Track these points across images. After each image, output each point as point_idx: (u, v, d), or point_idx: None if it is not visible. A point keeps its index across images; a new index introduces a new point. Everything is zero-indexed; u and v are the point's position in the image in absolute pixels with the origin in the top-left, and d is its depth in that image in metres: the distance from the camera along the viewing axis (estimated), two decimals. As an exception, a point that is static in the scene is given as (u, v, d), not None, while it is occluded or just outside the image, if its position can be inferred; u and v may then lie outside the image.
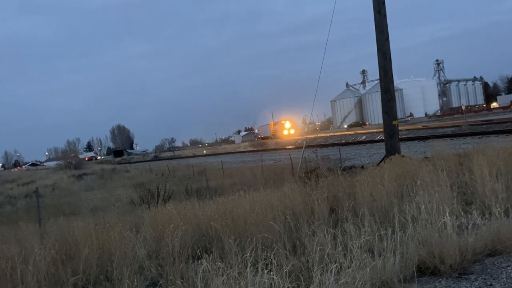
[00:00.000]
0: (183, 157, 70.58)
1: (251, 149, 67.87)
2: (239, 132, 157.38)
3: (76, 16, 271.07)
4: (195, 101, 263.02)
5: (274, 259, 4.64)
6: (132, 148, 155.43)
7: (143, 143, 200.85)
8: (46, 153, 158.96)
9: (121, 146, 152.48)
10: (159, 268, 5.50)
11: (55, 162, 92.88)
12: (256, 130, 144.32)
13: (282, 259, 4.81)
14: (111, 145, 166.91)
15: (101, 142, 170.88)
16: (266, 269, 4.42)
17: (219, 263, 4.57)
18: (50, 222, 9.52)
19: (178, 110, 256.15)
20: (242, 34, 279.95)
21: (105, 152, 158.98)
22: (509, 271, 4.55)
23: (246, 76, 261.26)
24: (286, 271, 4.41)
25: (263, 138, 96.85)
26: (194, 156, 70.51)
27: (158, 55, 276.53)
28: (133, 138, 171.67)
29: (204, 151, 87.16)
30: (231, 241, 5.19)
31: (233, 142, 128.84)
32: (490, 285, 4.30)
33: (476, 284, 4.36)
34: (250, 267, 4.43)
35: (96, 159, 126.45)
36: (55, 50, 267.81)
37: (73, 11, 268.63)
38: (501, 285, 4.26)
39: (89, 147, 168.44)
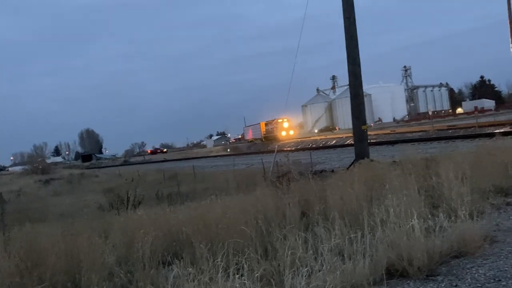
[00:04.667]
0: (153, 162, 69.80)
1: (224, 153, 67.70)
2: (210, 136, 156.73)
3: (47, 18, 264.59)
4: (166, 105, 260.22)
5: (246, 264, 4.64)
6: (101, 152, 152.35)
7: (113, 147, 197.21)
8: (12, 158, 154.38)
9: (90, 150, 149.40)
10: (128, 274, 5.41)
11: (21, 167, 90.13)
12: (228, 134, 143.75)
13: (254, 263, 4.81)
14: (80, 149, 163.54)
15: (69, 146, 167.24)
16: (237, 273, 4.42)
17: (190, 269, 4.54)
18: (15, 229, 9.23)
19: (149, 114, 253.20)
20: (217, 38, 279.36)
21: (73, 157, 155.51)
22: (474, 272, 4.68)
23: (219, 80, 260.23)
24: (257, 276, 4.42)
25: (251, 141, 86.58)
26: (165, 160, 69.78)
27: (131, 58, 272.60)
28: (102, 143, 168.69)
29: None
30: (202, 246, 5.15)
31: (204, 146, 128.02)
32: (456, 286, 4.41)
33: (443, 285, 4.47)
34: (221, 272, 4.42)
35: (162, 152, 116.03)
36: (23, 52, 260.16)
37: (43, 12, 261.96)
38: (466, 286, 4.38)
39: (57, 152, 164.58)
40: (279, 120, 76.34)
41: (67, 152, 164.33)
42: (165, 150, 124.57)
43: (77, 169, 69.66)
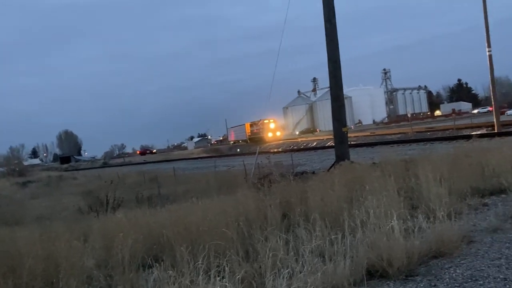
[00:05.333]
0: (134, 164, 69.10)
1: (205, 155, 67.45)
2: (192, 138, 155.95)
3: (27, 17, 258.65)
4: (147, 106, 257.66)
5: (227, 266, 4.62)
6: (80, 154, 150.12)
7: (92, 149, 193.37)
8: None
9: (68, 152, 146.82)
10: (108, 278, 5.34)
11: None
12: (209, 136, 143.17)
13: (235, 265, 4.80)
14: (58, 151, 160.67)
15: (47, 148, 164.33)
16: (218, 276, 4.40)
17: (171, 272, 4.51)
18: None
19: (129, 115, 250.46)
20: (199, 40, 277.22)
21: (51, 159, 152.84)
22: (452, 272, 4.75)
23: (201, 82, 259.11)
24: (238, 278, 4.41)
25: (235, 143, 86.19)
26: (146, 162, 69.12)
27: (113, 59, 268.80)
28: (81, 144, 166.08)
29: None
30: (183, 249, 5.12)
31: (185, 148, 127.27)
32: (434, 285, 4.47)
33: (422, 285, 4.52)
34: (202, 274, 4.40)
35: (152, 152, 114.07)
36: (2, 52, 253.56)
37: (24, 11, 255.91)
38: (445, 286, 4.44)
39: (34, 154, 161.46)
40: (265, 121, 73.90)
41: (45, 154, 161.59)
42: (154, 151, 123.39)
43: (55, 171, 68.42)
